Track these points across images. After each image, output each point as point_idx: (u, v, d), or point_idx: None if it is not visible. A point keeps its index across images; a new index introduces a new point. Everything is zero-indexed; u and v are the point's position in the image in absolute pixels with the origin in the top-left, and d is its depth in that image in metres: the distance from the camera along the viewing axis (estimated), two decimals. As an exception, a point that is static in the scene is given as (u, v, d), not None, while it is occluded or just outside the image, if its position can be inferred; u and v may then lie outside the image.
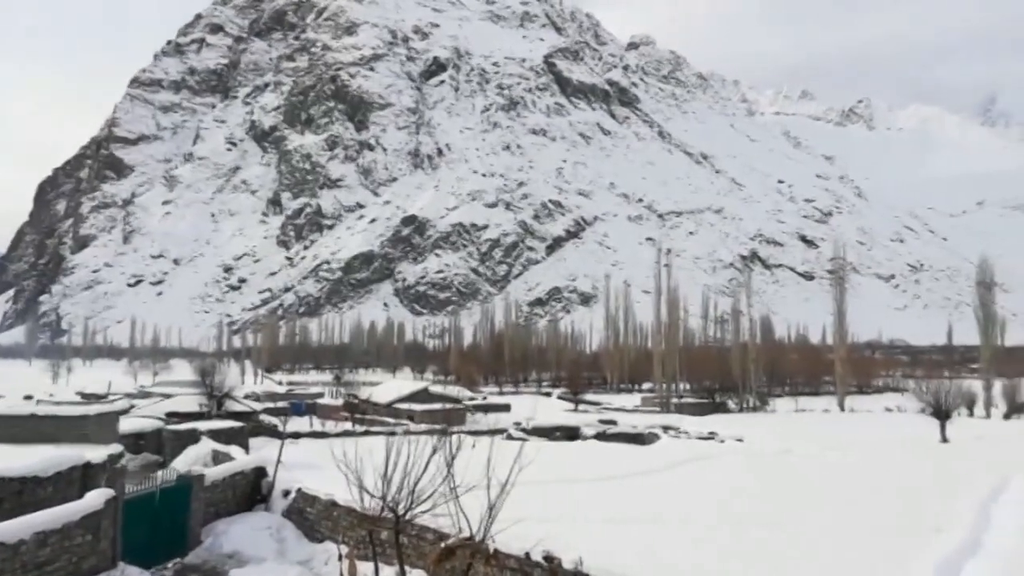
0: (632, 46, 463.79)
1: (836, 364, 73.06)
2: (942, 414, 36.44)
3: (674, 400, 67.33)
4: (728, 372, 71.44)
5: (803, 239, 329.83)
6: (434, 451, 10.27)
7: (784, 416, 59.13)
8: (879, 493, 18.53)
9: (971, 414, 55.48)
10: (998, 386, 62.06)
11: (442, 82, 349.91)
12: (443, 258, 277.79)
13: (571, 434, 39.31)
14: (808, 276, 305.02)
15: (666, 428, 42.04)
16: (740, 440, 36.69)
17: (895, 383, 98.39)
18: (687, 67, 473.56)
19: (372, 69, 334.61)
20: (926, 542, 12.19)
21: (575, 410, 62.02)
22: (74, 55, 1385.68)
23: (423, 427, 33.77)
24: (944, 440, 34.49)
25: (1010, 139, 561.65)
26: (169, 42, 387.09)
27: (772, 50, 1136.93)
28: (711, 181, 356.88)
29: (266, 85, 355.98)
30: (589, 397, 75.54)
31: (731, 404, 66.92)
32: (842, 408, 65.78)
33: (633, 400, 74.72)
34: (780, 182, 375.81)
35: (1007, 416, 58.23)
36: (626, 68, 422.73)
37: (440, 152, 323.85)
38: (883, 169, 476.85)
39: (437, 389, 58.05)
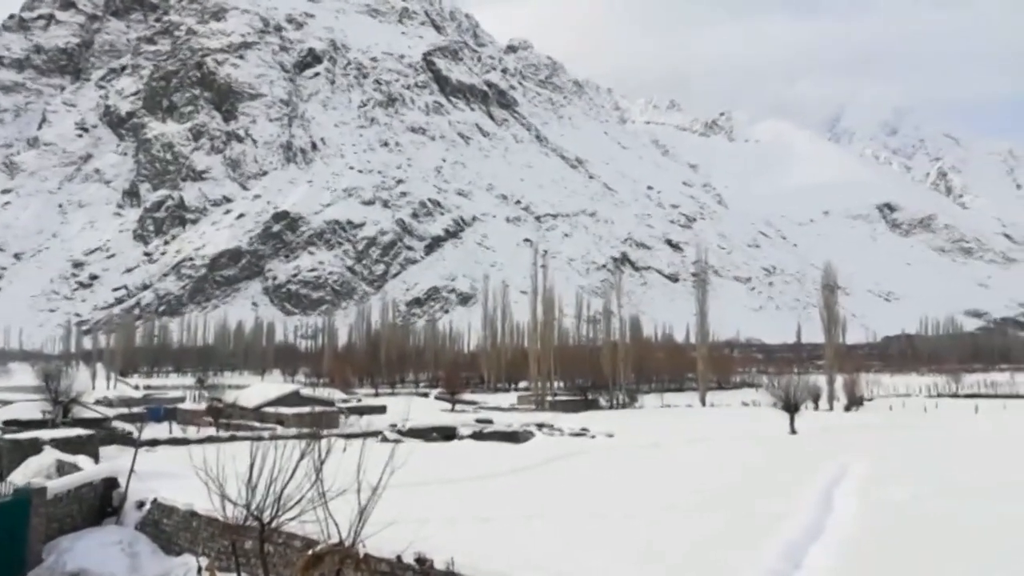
0: (511, 49, 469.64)
1: (698, 362, 77.34)
2: (791, 407, 39.29)
3: (548, 398, 68.80)
4: (599, 370, 73.91)
5: (669, 243, 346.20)
6: (302, 455, 9.96)
7: (651, 412, 61.81)
8: (734, 482, 19.72)
9: (816, 407, 60.07)
10: (840, 381, 67.72)
11: (317, 74, 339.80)
12: (317, 256, 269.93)
13: (447, 434, 39.35)
14: (674, 278, 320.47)
15: (540, 426, 42.89)
16: (611, 436, 37.98)
17: (751, 379, 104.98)
18: (564, 73, 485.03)
19: (242, 57, 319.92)
20: (774, 527, 13.05)
21: (452, 410, 62.06)
22: None
23: (292, 431, 32.65)
24: (793, 432, 37.13)
25: (852, 154, 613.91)
26: (12, 16, 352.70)
27: (643, 61, 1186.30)
28: (585, 185, 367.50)
29: (123, 68, 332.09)
30: (466, 397, 75.81)
31: (602, 401, 69.20)
32: (703, 403, 69.60)
33: (509, 399, 75.63)
34: (649, 188, 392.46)
35: (848, 408, 63.55)
36: (504, 71, 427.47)
37: (314, 146, 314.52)
38: (742, 178, 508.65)
39: (309, 392, 56.44)
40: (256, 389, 55.04)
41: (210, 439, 32.97)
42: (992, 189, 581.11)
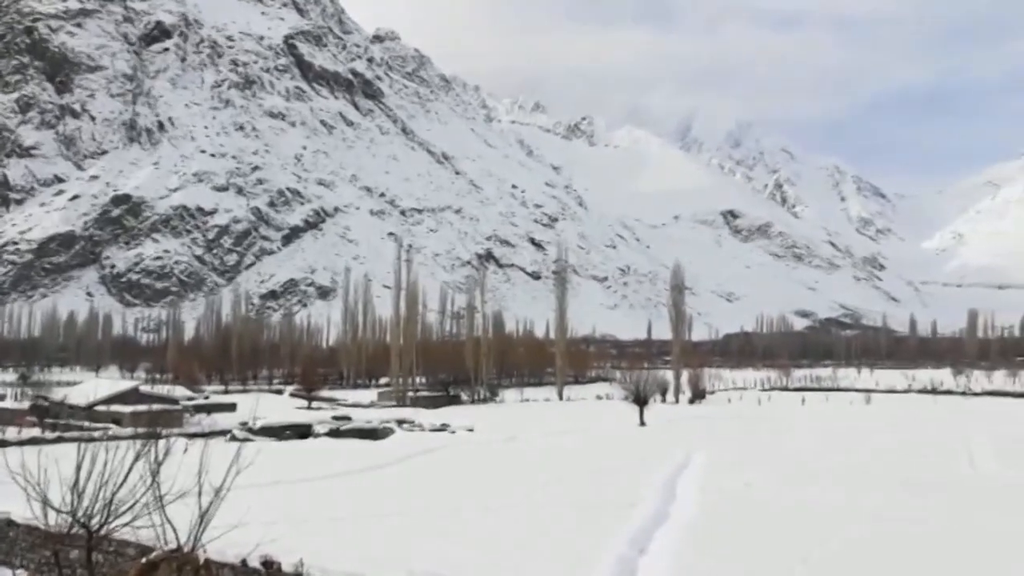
0: (377, 39, 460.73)
1: (557, 357, 79.60)
2: (641, 401, 41.26)
3: (410, 394, 68.32)
4: (462, 365, 74.14)
5: (532, 242, 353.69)
6: (137, 456, 9.27)
7: (512, 406, 62.89)
8: (585, 473, 20.43)
9: (664, 400, 63.47)
10: (685, 375, 71.95)
11: (166, 50, 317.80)
12: (162, 243, 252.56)
13: (303, 432, 38.05)
14: (536, 276, 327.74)
15: (401, 422, 42.36)
16: (471, 430, 38.26)
17: (605, 374, 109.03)
18: (431, 67, 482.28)
19: (79, 25, 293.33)
20: (623, 515, 13.64)
21: (309, 407, 60.16)
22: None
23: (129, 431, 30.40)
24: (642, 423, 39.00)
25: (700, 163, 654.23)
26: None
27: (509, 61, 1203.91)
28: (451, 181, 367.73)
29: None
30: (324, 393, 73.63)
31: (464, 396, 69.53)
32: (561, 397, 71.74)
33: (370, 395, 74.31)
34: (514, 187, 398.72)
35: (692, 401, 67.59)
36: (371, 60, 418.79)
37: (161, 126, 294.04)
38: (601, 182, 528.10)
39: (149, 389, 52.84)
40: (89, 386, 50.67)
41: (33, 440, 30.18)
42: (820, 201, 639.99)
